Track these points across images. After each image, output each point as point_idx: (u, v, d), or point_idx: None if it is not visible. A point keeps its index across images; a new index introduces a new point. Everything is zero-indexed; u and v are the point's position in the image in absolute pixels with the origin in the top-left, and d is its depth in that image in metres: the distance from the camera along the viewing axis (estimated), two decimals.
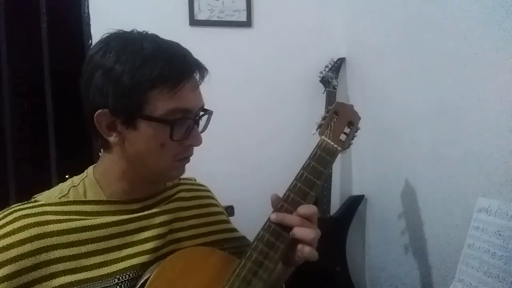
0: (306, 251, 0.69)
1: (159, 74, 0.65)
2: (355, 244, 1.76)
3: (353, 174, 1.82)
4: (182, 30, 1.66)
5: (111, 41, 0.68)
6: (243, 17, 1.72)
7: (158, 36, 0.72)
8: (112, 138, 0.69)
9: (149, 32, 0.72)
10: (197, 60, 0.72)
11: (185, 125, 0.70)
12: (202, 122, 0.77)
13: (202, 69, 0.72)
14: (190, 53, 0.72)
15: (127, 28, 0.73)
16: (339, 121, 0.79)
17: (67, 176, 0.79)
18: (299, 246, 0.69)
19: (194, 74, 0.70)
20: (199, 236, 0.82)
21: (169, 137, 0.67)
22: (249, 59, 1.75)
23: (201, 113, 0.74)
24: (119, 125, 0.68)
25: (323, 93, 1.71)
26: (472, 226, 0.85)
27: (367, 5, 1.64)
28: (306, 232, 0.68)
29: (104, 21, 1.56)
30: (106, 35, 0.70)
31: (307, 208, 0.70)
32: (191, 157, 0.77)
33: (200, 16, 1.68)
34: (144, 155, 0.70)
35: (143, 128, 0.68)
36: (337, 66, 1.75)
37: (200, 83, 0.72)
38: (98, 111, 0.67)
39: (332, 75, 1.71)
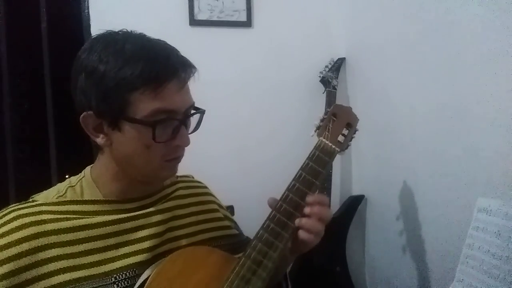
0: (312, 241, 0.72)
1: (139, 75, 0.64)
2: (355, 244, 1.76)
3: (353, 174, 1.82)
4: (182, 30, 1.66)
5: (96, 42, 0.68)
6: (243, 17, 1.72)
7: (144, 36, 0.70)
8: (100, 140, 0.70)
9: (137, 32, 0.71)
10: (183, 58, 0.70)
11: (171, 126, 0.69)
12: (193, 121, 0.75)
13: (188, 68, 0.69)
14: (177, 52, 0.70)
15: (127, 28, 0.72)
16: (337, 122, 0.79)
17: (67, 176, 0.80)
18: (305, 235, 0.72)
19: (181, 73, 0.68)
20: (196, 234, 0.83)
21: (152, 138, 0.66)
22: (249, 59, 1.75)
23: (192, 111, 0.73)
24: (105, 127, 0.68)
25: (323, 93, 1.71)
26: (472, 226, 0.85)
27: (367, 5, 1.64)
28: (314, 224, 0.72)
29: (104, 21, 1.54)
30: (94, 36, 0.70)
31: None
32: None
33: (200, 16, 1.68)
34: (131, 157, 0.70)
35: (127, 130, 0.67)
36: (337, 66, 1.75)
37: (188, 81, 0.70)
38: (84, 113, 0.68)
39: (332, 75, 1.71)
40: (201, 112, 0.75)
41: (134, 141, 0.68)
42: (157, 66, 0.65)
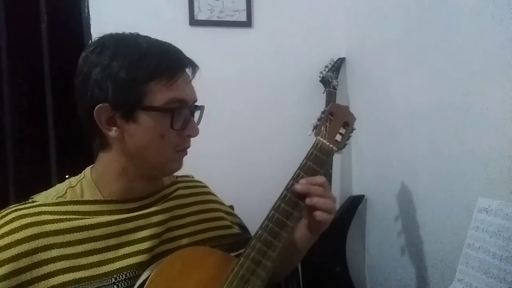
0: (325, 218, 0.74)
1: (156, 66, 0.68)
2: (355, 244, 1.76)
3: (353, 174, 1.82)
4: (182, 30, 1.66)
5: (106, 41, 0.71)
6: (243, 17, 1.72)
7: (149, 36, 0.75)
8: (113, 133, 0.71)
9: (142, 33, 0.75)
10: (188, 57, 0.75)
11: (183, 115, 0.72)
12: (196, 117, 0.79)
13: (193, 65, 0.75)
14: (181, 50, 0.75)
15: (127, 28, 0.75)
16: (335, 122, 0.80)
17: (67, 176, 0.80)
18: (318, 213, 0.73)
19: (187, 69, 0.74)
20: (196, 233, 0.83)
21: (169, 126, 0.70)
22: (249, 59, 1.75)
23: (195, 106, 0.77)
24: (118, 119, 0.70)
25: (323, 93, 1.71)
26: (472, 226, 0.85)
27: (367, 5, 1.64)
28: (326, 202, 0.74)
29: (104, 21, 1.56)
30: (99, 37, 0.73)
31: (319, 178, 0.75)
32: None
33: (200, 16, 1.68)
34: (144, 148, 0.72)
35: (143, 119, 0.70)
36: (337, 66, 1.75)
37: (193, 77, 0.75)
38: (98, 105, 0.69)
39: (332, 75, 1.70)
40: (202, 108, 0.79)
41: (150, 130, 0.70)
42: (170, 59, 0.71)
